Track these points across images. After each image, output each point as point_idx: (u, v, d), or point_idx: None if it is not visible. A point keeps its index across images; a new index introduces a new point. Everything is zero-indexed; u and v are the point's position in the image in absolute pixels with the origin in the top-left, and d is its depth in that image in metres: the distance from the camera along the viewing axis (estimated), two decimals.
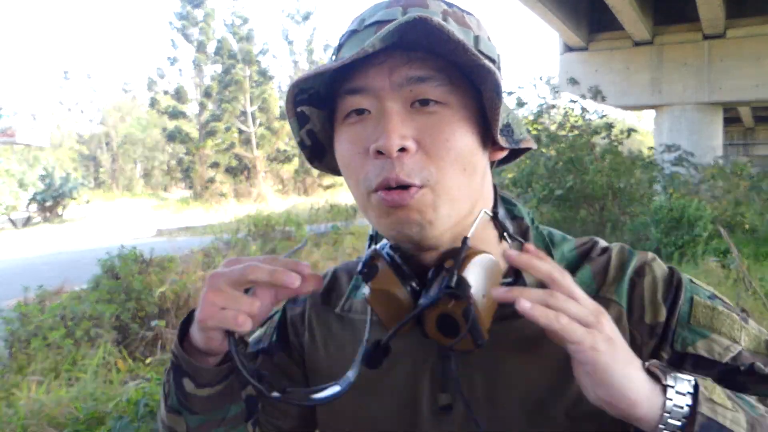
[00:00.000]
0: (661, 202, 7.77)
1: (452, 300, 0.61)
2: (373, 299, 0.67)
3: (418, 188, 0.62)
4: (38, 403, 3.22)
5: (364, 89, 0.64)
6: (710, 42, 13.05)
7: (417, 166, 0.62)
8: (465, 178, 0.65)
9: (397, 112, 0.63)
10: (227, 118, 26.61)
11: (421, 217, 0.63)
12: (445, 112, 0.63)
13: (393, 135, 0.61)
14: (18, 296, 5.78)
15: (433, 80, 0.63)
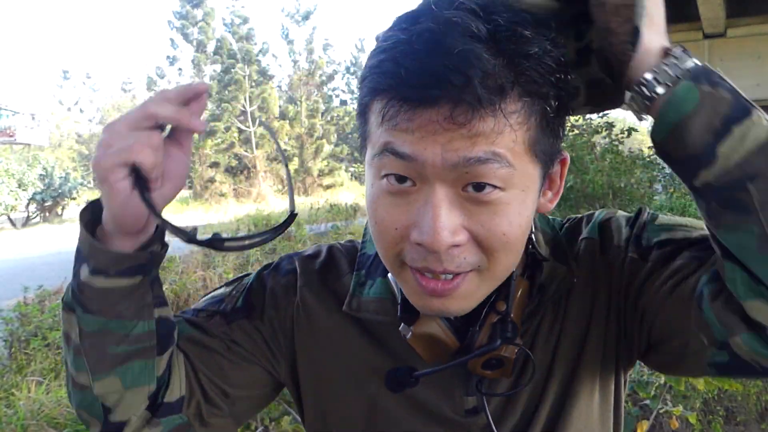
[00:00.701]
0: (662, 201, 7.77)
1: (506, 345, 0.63)
2: (416, 341, 0.64)
3: (465, 275, 0.57)
4: (38, 403, 3.21)
5: (411, 159, 0.53)
6: (710, 41, 13.03)
7: (468, 255, 0.56)
8: (515, 258, 0.60)
9: (446, 198, 0.54)
10: (227, 117, 26.61)
11: (458, 307, 0.60)
12: (502, 198, 0.55)
13: (443, 233, 0.53)
14: (18, 296, 5.78)
15: (495, 162, 0.53)
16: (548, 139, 0.57)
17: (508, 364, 0.63)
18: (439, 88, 0.51)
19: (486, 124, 0.52)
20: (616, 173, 8.41)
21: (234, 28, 28.05)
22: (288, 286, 0.75)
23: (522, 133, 0.54)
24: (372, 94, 0.56)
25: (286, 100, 30.45)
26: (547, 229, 0.72)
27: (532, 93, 0.54)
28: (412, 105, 0.52)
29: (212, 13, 28.13)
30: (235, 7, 29.04)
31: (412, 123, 0.53)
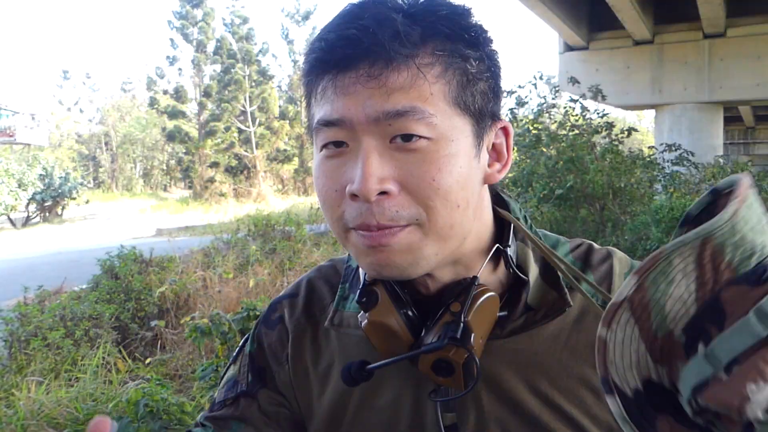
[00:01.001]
0: (662, 201, 7.76)
1: (453, 348, 0.60)
2: (370, 330, 0.65)
3: (402, 228, 0.58)
4: (38, 404, 3.21)
5: (340, 122, 0.58)
6: (711, 41, 13.04)
7: (401, 207, 0.57)
8: (458, 215, 0.59)
9: (375, 149, 0.57)
10: (227, 117, 26.62)
11: (403, 259, 0.59)
12: (429, 148, 0.57)
13: (370, 179, 0.56)
14: (18, 296, 5.77)
15: (414, 113, 0.56)
16: (474, 96, 0.60)
17: (457, 369, 0.60)
18: (353, 47, 0.56)
19: (401, 78, 0.56)
20: (616, 173, 8.40)
21: (234, 28, 28.06)
22: (282, 337, 0.77)
23: (441, 86, 0.57)
24: (307, 77, 0.62)
25: (286, 100, 30.45)
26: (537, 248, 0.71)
27: (446, 49, 0.58)
28: (334, 71, 0.58)
29: (212, 13, 28.14)
30: (235, 7, 29.04)
31: (337, 86, 0.57)
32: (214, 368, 3.08)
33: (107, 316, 4.85)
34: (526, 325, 0.67)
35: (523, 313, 0.67)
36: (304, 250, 8.23)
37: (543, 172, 8.46)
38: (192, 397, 3.45)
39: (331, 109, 0.58)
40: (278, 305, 0.80)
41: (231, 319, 3.33)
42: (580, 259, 0.73)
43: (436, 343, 0.60)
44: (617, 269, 0.71)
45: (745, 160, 15.48)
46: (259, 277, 6.23)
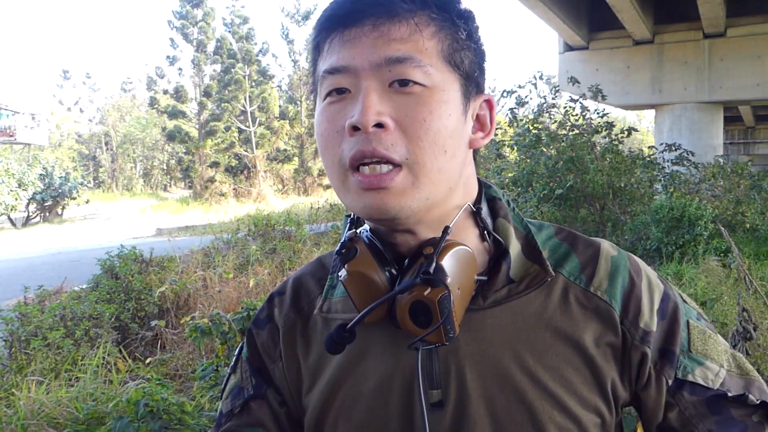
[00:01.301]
0: (662, 201, 7.76)
1: (428, 287, 0.61)
2: (349, 282, 0.66)
3: (397, 169, 0.62)
4: (38, 403, 3.21)
5: (344, 69, 0.64)
6: (711, 41, 13.04)
7: (395, 142, 0.62)
8: (445, 160, 0.64)
9: (375, 89, 0.63)
10: (227, 117, 26.61)
11: (396, 201, 0.63)
12: (423, 93, 0.63)
13: (370, 110, 0.61)
14: (18, 296, 5.78)
15: (412, 61, 0.63)
16: (462, 60, 0.67)
17: (434, 311, 0.60)
18: (364, 3, 0.63)
19: (401, 30, 0.63)
20: (616, 173, 8.39)
21: (234, 28, 28.05)
22: (273, 335, 0.79)
23: (435, 42, 0.64)
24: (317, 39, 0.68)
25: (286, 100, 30.45)
26: (519, 227, 0.74)
27: (441, 15, 0.66)
28: (344, 25, 0.64)
29: (212, 13, 28.13)
30: (235, 7, 29.02)
31: (344, 38, 0.64)
32: (214, 368, 3.08)
33: (107, 316, 4.85)
34: (509, 295, 0.69)
35: (506, 285, 0.69)
36: (304, 250, 8.23)
37: (543, 172, 8.46)
38: (192, 397, 3.45)
39: (337, 59, 0.64)
40: (266, 305, 0.81)
41: (231, 319, 3.33)
42: (566, 240, 0.75)
43: (409, 281, 0.61)
44: (603, 254, 0.72)
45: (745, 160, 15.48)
46: (259, 277, 6.23)
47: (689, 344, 0.70)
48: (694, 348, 0.70)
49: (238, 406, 0.78)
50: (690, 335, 0.71)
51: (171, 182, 40.12)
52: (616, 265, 0.72)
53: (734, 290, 4.74)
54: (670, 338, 0.70)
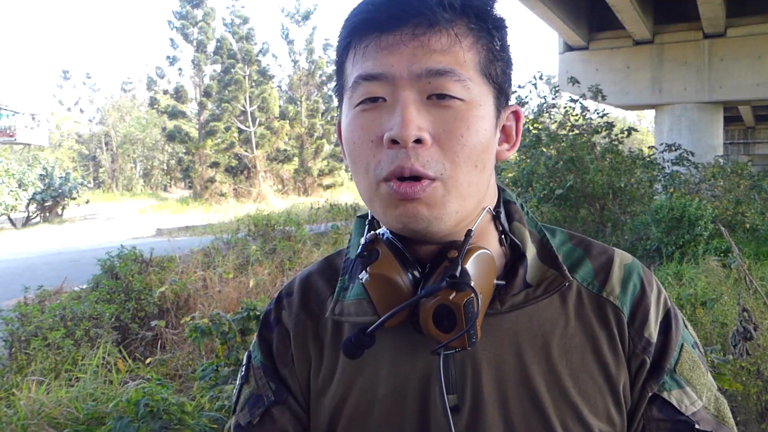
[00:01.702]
0: (662, 201, 7.76)
1: (453, 291, 0.60)
2: (371, 285, 0.64)
3: (431, 181, 0.61)
4: (38, 404, 3.21)
5: (381, 76, 0.62)
6: (711, 41, 13.04)
7: (432, 158, 0.61)
8: (476, 175, 0.64)
9: (413, 101, 0.61)
10: (227, 117, 26.61)
11: (429, 212, 0.62)
12: (461, 107, 0.62)
13: (410, 125, 0.60)
14: (18, 296, 5.78)
15: (452, 75, 0.62)
16: (497, 71, 0.66)
17: (459, 315, 0.60)
18: (401, 10, 0.61)
19: (442, 41, 0.62)
20: (616, 173, 8.40)
21: (234, 28, 28.05)
22: (283, 338, 0.76)
23: (473, 54, 0.63)
24: (347, 39, 0.66)
25: (286, 100, 30.45)
26: (534, 231, 0.74)
27: (478, 25, 0.64)
28: (380, 30, 0.62)
29: (212, 13, 28.13)
30: (235, 7, 29.02)
31: (381, 44, 0.62)
32: (214, 368, 3.08)
33: (107, 316, 4.85)
34: (526, 300, 0.68)
35: (523, 289, 0.69)
36: (304, 250, 8.23)
37: (543, 172, 8.46)
38: (192, 397, 3.45)
39: (373, 65, 0.62)
40: (274, 306, 0.79)
41: (231, 319, 3.33)
42: (580, 246, 0.75)
43: (435, 285, 0.61)
44: (617, 261, 0.73)
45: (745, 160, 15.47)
46: (259, 277, 6.23)
47: (676, 365, 0.70)
48: (679, 370, 0.70)
49: (257, 415, 0.74)
50: (680, 357, 0.70)
51: (171, 182, 40.11)
52: (629, 273, 0.72)
53: (734, 290, 4.74)
54: (664, 354, 0.70)
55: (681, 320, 0.73)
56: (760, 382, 3.14)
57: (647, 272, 0.73)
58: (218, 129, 26.76)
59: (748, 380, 3.11)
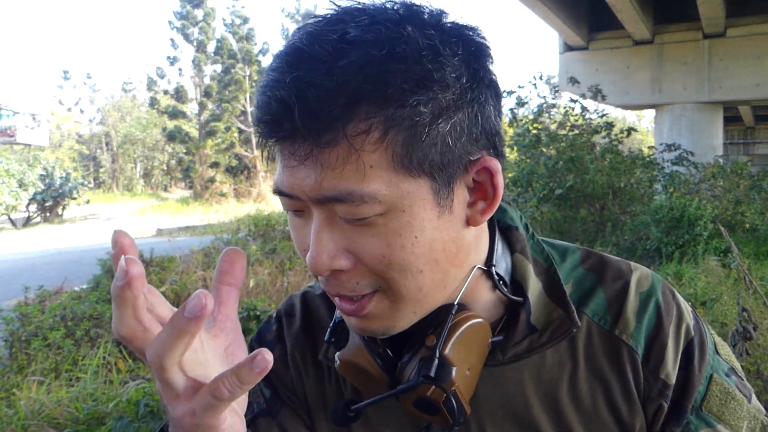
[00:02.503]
0: (662, 201, 7.77)
1: (431, 386, 0.56)
2: (344, 371, 0.62)
3: (370, 296, 0.55)
4: (38, 404, 3.21)
5: (289, 195, 0.55)
6: (710, 41, 13.04)
7: (360, 278, 0.54)
8: (423, 278, 0.55)
9: (325, 222, 0.53)
10: (227, 117, 26.60)
11: (380, 325, 0.57)
12: (377, 221, 0.52)
13: (320, 257, 0.53)
14: (18, 296, 5.78)
15: (350, 198, 0.50)
16: (427, 149, 0.51)
17: (439, 408, 0.56)
18: (278, 127, 0.51)
19: (332, 157, 0.50)
20: (616, 173, 8.40)
21: (234, 28, 28.05)
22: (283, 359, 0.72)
23: (380, 153, 0.50)
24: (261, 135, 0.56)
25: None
26: (540, 259, 0.66)
27: (381, 106, 0.49)
28: (276, 139, 0.53)
29: (212, 13, 28.13)
30: (236, 7, 29.03)
31: (282, 157, 0.54)
32: None
33: (108, 315, 4.85)
34: (530, 348, 0.62)
35: (526, 336, 0.62)
36: None
37: (543, 172, 8.46)
38: None
39: (280, 180, 0.55)
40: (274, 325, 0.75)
41: None
42: (593, 270, 0.67)
43: (410, 383, 0.56)
44: (633, 288, 0.65)
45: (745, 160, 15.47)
46: (260, 277, 6.24)
47: (703, 401, 0.62)
48: (707, 406, 0.62)
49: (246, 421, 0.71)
50: (708, 391, 0.62)
51: (171, 182, 40.12)
52: (644, 303, 0.64)
53: (734, 290, 4.74)
54: (686, 392, 0.62)
55: (710, 347, 0.65)
56: (760, 382, 3.15)
57: (667, 298, 0.65)
58: (218, 129, 26.76)
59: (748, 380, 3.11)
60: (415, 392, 0.57)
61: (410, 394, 0.57)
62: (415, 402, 0.57)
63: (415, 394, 0.57)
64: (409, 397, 0.57)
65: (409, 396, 0.57)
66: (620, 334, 0.63)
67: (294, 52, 0.52)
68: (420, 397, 0.57)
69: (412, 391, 0.57)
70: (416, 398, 0.57)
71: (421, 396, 0.57)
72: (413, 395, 0.57)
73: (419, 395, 0.56)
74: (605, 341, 0.63)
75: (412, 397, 0.57)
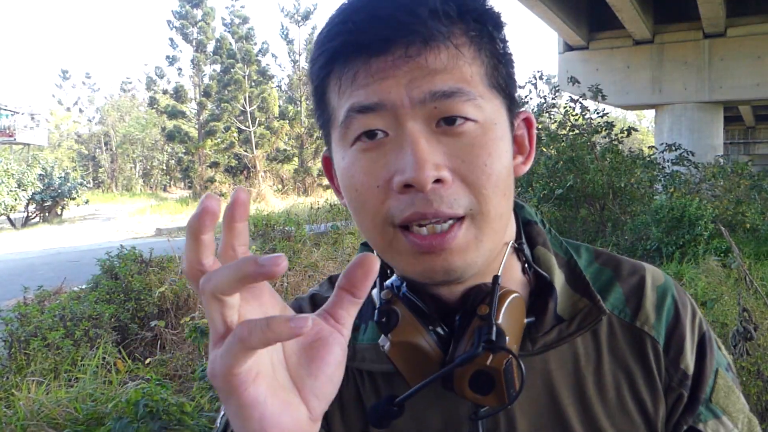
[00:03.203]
0: (662, 201, 7.77)
1: (490, 354, 0.55)
2: (395, 354, 0.58)
3: (459, 223, 0.54)
4: (38, 404, 3.21)
5: (379, 106, 0.53)
6: (711, 41, 13.04)
7: (457, 195, 0.53)
8: (506, 204, 0.57)
9: (422, 133, 0.53)
10: (226, 117, 26.61)
11: (462, 260, 0.55)
12: (476, 132, 0.54)
13: (426, 165, 0.51)
14: (17, 296, 5.78)
15: (461, 95, 0.53)
16: (504, 76, 0.58)
17: (498, 379, 0.54)
18: (390, 28, 0.52)
19: (441, 59, 0.53)
20: (616, 173, 8.39)
21: (234, 28, 28.05)
22: None
23: (477, 67, 0.55)
24: (328, 65, 0.56)
25: (286, 100, 30.45)
26: (560, 252, 0.67)
27: (479, 31, 0.55)
28: (368, 53, 0.53)
29: (212, 13, 28.13)
30: (235, 7, 29.02)
31: (371, 70, 0.53)
32: None
33: (107, 316, 4.85)
34: (559, 338, 0.62)
35: (555, 325, 0.62)
36: (304, 250, 8.23)
37: (543, 172, 8.46)
38: (192, 397, 3.44)
39: (366, 94, 0.53)
40: None
41: None
42: (608, 266, 0.68)
43: (470, 352, 0.54)
44: (649, 282, 0.66)
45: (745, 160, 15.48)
46: None
47: (711, 393, 0.65)
48: (715, 399, 0.65)
49: None
50: (716, 384, 0.65)
51: (170, 182, 40.12)
52: (662, 296, 0.66)
53: (734, 290, 4.73)
54: (700, 384, 0.64)
55: (715, 342, 0.68)
56: (760, 382, 3.14)
57: (681, 293, 0.67)
58: (218, 129, 26.76)
59: (748, 380, 3.11)
60: (473, 364, 0.55)
61: (467, 368, 0.55)
62: (472, 377, 0.55)
63: (473, 366, 0.55)
64: (465, 373, 0.55)
65: (467, 371, 0.55)
66: (642, 326, 0.64)
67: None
68: (478, 369, 0.55)
69: (470, 362, 0.55)
70: (474, 372, 0.55)
71: (479, 367, 0.55)
72: (471, 369, 0.55)
73: (478, 366, 0.55)
74: (627, 333, 0.64)
75: (469, 371, 0.55)
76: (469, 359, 0.54)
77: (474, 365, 0.55)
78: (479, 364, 0.55)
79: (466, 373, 0.55)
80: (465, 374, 0.55)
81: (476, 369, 0.55)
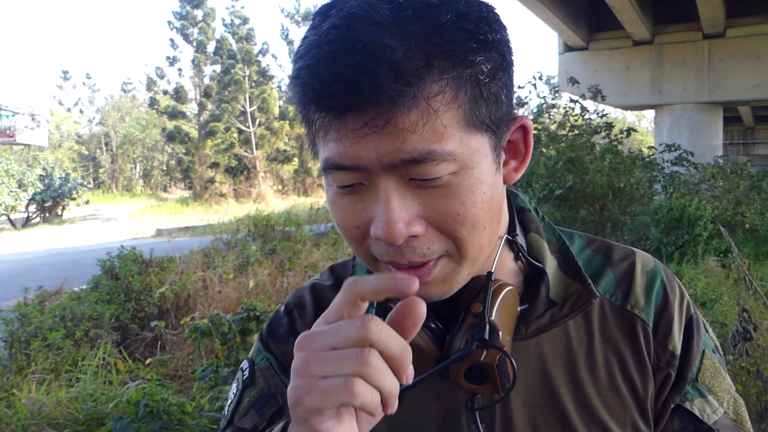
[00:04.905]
0: (662, 201, 7.77)
1: (483, 351, 0.57)
2: None
3: (436, 262, 0.56)
4: (38, 404, 3.21)
5: (352, 167, 0.53)
6: (710, 41, 13.04)
7: (431, 243, 0.54)
8: (485, 235, 0.57)
9: (395, 190, 0.53)
10: (227, 118, 26.60)
11: (440, 289, 0.58)
12: (451, 180, 0.53)
13: (396, 225, 0.52)
14: (18, 297, 5.78)
15: (431, 157, 0.51)
16: (488, 106, 0.54)
17: (492, 374, 0.57)
18: (352, 95, 0.49)
19: (410, 118, 0.50)
20: (615, 173, 8.40)
21: (234, 29, 28.05)
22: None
23: (453, 112, 0.52)
24: (300, 107, 0.55)
25: (286, 100, 30.43)
26: (552, 239, 0.69)
27: (454, 65, 0.51)
28: (335, 114, 0.52)
29: (212, 14, 28.14)
30: (235, 8, 29.05)
31: (341, 132, 0.52)
32: (214, 369, 3.09)
33: (107, 316, 4.86)
34: (552, 321, 0.65)
35: (547, 309, 0.65)
36: (304, 250, 8.23)
37: (543, 172, 8.46)
38: (192, 397, 3.45)
39: (338, 153, 0.52)
40: (285, 318, 0.74)
41: (231, 319, 3.33)
42: (600, 252, 0.71)
43: (464, 350, 0.56)
44: (639, 267, 0.69)
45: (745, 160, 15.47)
46: (259, 278, 6.24)
47: (698, 373, 0.67)
48: (701, 378, 0.67)
49: (268, 416, 0.68)
50: (702, 365, 0.67)
51: (171, 183, 40.12)
52: (651, 280, 0.69)
53: (734, 290, 4.74)
54: (687, 364, 0.67)
55: (702, 324, 0.70)
56: (760, 382, 3.15)
57: (670, 276, 0.70)
58: (218, 129, 26.75)
59: (748, 380, 3.12)
60: (468, 359, 0.57)
61: (462, 363, 0.57)
62: (467, 371, 0.58)
63: (468, 361, 0.57)
64: (461, 367, 0.58)
65: (462, 365, 0.58)
66: (632, 309, 0.67)
67: (350, 23, 0.50)
68: (472, 365, 0.57)
69: (465, 359, 0.57)
70: (468, 366, 0.58)
71: (474, 363, 0.57)
72: (466, 363, 0.57)
73: (472, 362, 0.57)
74: (618, 316, 0.67)
75: (464, 366, 0.58)
76: (464, 357, 0.57)
77: (468, 361, 0.57)
78: (473, 360, 0.57)
79: (461, 367, 0.58)
80: (460, 369, 0.58)
81: (470, 365, 0.57)
